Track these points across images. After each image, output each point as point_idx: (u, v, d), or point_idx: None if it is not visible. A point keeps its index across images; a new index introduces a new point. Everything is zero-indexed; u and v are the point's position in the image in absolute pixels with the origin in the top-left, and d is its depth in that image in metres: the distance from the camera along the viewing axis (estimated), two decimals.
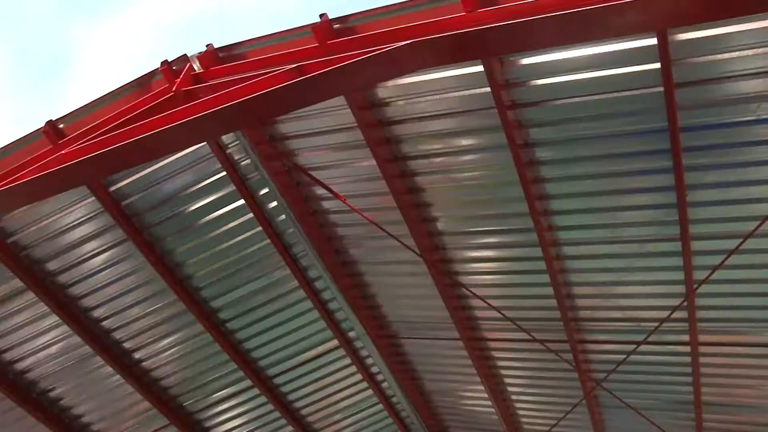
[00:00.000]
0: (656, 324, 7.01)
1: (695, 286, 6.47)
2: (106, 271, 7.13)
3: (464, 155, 6.14)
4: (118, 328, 7.65)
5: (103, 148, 4.92)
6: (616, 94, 5.29)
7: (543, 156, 5.91)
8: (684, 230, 6.03)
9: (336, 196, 6.15)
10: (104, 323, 7.55)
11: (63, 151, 5.32)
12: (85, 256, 6.97)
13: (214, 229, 7.06)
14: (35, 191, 5.21)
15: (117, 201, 6.66)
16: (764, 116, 5.12)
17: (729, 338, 7.16)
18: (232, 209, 6.97)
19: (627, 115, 5.42)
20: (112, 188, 6.58)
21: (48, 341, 7.52)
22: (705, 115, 5.25)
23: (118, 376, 8.04)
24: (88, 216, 6.69)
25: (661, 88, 5.08)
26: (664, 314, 6.90)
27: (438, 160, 6.25)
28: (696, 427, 8.45)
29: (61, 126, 5.99)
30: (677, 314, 6.96)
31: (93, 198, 6.51)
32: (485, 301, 6.59)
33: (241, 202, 6.90)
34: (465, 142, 6.03)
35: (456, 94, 5.67)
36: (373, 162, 6.27)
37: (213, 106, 4.68)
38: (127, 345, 7.85)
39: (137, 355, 8.00)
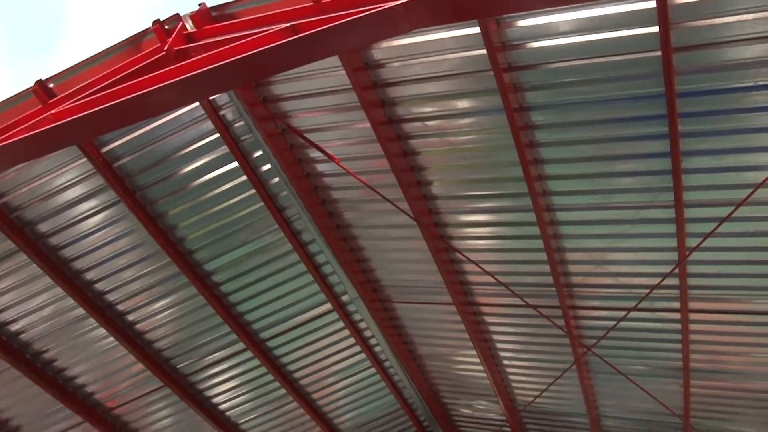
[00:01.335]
0: (647, 290, 7.05)
1: (687, 253, 6.49)
2: (99, 233, 7.11)
3: (459, 118, 6.10)
4: (110, 291, 7.65)
5: (94, 107, 4.85)
6: (612, 58, 5.24)
7: (538, 120, 5.87)
8: (678, 197, 6.02)
9: (330, 158, 6.12)
10: (97, 285, 7.55)
11: (53, 111, 5.24)
12: (77, 218, 6.94)
13: (207, 192, 7.03)
14: (25, 151, 5.15)
15: (109, 162, 6.61)
16: (762, 83, 5.08)
17: (719, 305, 7.20)
18: (226, 171, 6.93)
19: (623, 79, 5.38)
20: (104, 149, 6.53)
21: (40, 303, 7.51)
22: (702, 80, 5.21)
23: (111, 338, 8.06)
24: (80, 177, 6.64)
25: (659, 53, 5.03)
26: (656, 281, 6.93)
27: (433, 123, 6.21)
28: (684, 392, 8.55)
29: (51, 86, 5.93)
30: (668, 281, 6.99)
31: (84, 159, 6.47)
32: (479, 266, 6.60)
33: (235, 164, 6.86)
34: (460, 105, 5.98)
35: (451, 56, 5.61)
36: (368, 124, 6.22)
37: (205, 65, 4.62)
38: (120, 307, 7.85)
39: (130, 318, 8.01)
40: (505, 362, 9.39)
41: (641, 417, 9.61)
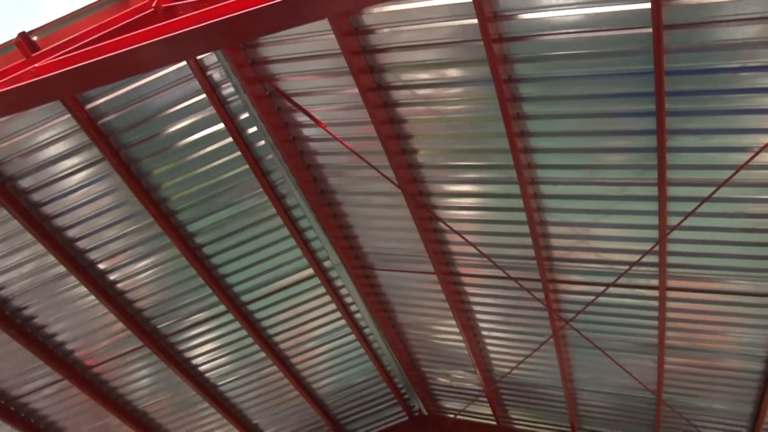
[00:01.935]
0: (627, 267, 7.12)
1: (667, 231, 6.55)
2: (81, 190, 7.05)
3: (447, 88, 6.07)
4: (92, 249, 7.61)
5: (79, 62, 4.76)
6: (604, 33, 5.23)
7: (526, 92, 5.86)
8: (661, 175, 6.06)
9: (317, 123, 6.09)
10: (78, 243, 7.51)
11: (36, 65, 5.15)
12: (60, 175, 6.87)
13: (192, 152, 6.98)
14: (6, 105, 5.04)
15: (93, 119, 6.54)
16: (751, 64, 5.09)
17: (696, 284, 7.30)
18: (211, 133, 6.89)
19: (613, 55, 5.38)
20: (89, 106, 6.46)
21: (21, 259, 7.46)
22: (692, 59, 5.21)
23: (92, 297, 8.04)
24: (63, 133, 6.57)
25: (650, 29, 5.02)
26: (636, 258, 7.01)
27: (421, 91, 6.19)
28: (658, 369, 8.69)
29: (35, 39, 5.81)
30: (648, 258, 7.07)
31: (68, 115, 6.39)
32: (461, 236, 6.63)
33: (221, 125, 6.81)
34: (449, 74, 5.95)
35: (442, 24, 5.57)
36: (356, 90, 6.19)
37: (193, 23, 4.54)
38: (101, 266, 7.82)
39: (112, 277, 7.99)
40: (484, 333, 9.48)
41: (615, 391, 9.77)
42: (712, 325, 7.80)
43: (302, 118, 6.79)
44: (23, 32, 5.68)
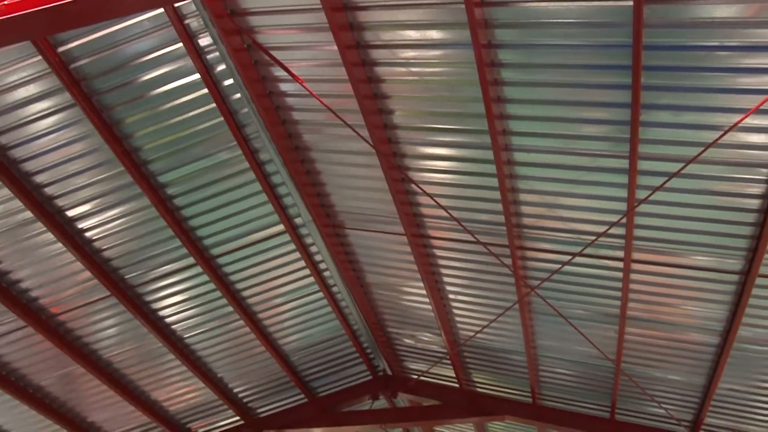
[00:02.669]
0: (594, 237, 7.23)
1: (636, 204, 6.65)
2: (51, 135, 6.92)
3: (427, 49, 6.04)
4: (60, 196, 7.51)
5: (51, 2, 4.66)
6: (585, 3, 5.22)
7: (505, 59, 5.86)
8: (633, 149, 6.12)
9: (294, 78, 6.03)
10: (47, 189, 7.39)
11: (5, 2, 5.02)
12: (29, 118, 6.72)
13: (166, 102, 6.88)
14: None
15: (65, 63, 6.39)
16: (727, 43, 5.14)
17: (660, 258, 7.44)
18: (187, 83, 6.79)
19: (594, 26, 5.38)
20: (61, 49, 6.30)
21: None
22: (670, 35, 5.23)
23: (59, 244, 7.96)
24: (33, 76, 6.41)
25: (631, 2, 5.02)
26: (603, 229, 7.11)
27: (400, 51, 6.15)
28: (618, 339, 8.89)
29: None
30: (615, 230, 7.18)
31: (39, 57, 6.23)
32: (433, 199, 6.66)
33: (197, 76, 6.71)
34: (429, 35, 5.92)
35: None
36: (335, 47, 6.12)
37: None
38: (69, 213, 7.73)
39: (80, 225, 7.90)
40: (451, 296, 9.60)
41: (576, 359, 9.98)
42: (673, 298, 7.99)
43: (280, 72, 6.72)
44: None
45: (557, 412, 11.43)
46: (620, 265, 7.68)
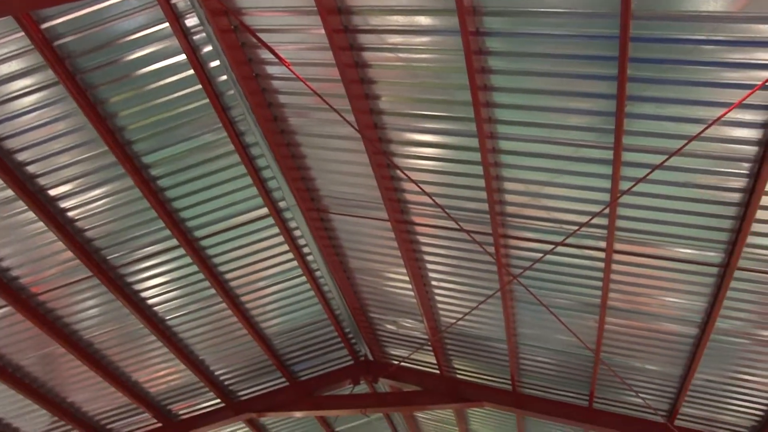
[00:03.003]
0: (577, 227, 7.28)
1: (618, 195, 6.69)
2: (34, 113, 6.85)
3: (415, 35, 6.02)
4: (43, 174, 7.45)
5: None
6: None
7: (493, 46, 5.86)
8: (617, 140, 6.16)
9: (281, 61, 5.99)
10: (29, 168, 7.33)
11: None
12: (11, 95, 6.65)
13: (151, 82, 6.83)
14: None
15: (49, 40, 6.32)
16: (714, 38, 5.16)
17: (642, 249, 7.50)
18: (172, 64, 6.73)
19: (582, 16, 5.38)
20: (45, 25, 6.22)
21: None
22: (657, 27, 5.25)
23: (41, 223, 7.91)
24: (16, 52, 6.33)
25: None
26: (586, 219, 7.16)
27: (388, 36, 6.13)
28: (598, 328, 8.97)
29: None
30: (598, 221, 7.23)
31: (22, 33, 6.16)
32: (417, 185, 6.67)
33: (182, 57, 6.66)
34: (417, 21, 5.90)
35: None
36: (322, 31, 6.10)
37: None
38: (52, 192, 7.67)
39: (62, 204, 7.85)
40: (434, 283, 9.64)
41: (556, 348, 10.07)
42: (653, 289, 8.07)
43: (266, 55, 6.69)
44: None
45: (536, 399, 11.54)
46: (602, 255, 7.74)
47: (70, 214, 7.98)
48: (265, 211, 8.63)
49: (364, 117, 6.96)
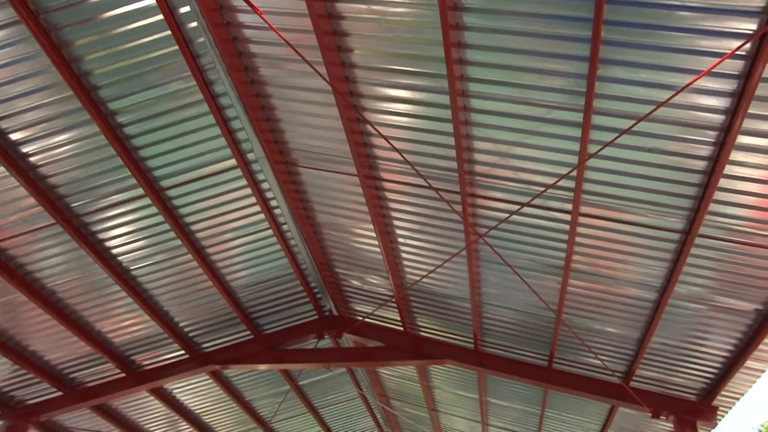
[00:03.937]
0: (543, 189, 7.33)
1: (586, 158, 6.74)
2: None
3: None
4: (4, 118, 7.23)
5: None
6: None
7: (468, 3, 5.80)
8: (588, 103, 6.18)
9: (253, 8, 5.85)
10: None
11: None
12: None
13: (118, 26, 6.63)
14: None
15: None
16: (689, 4, 5.17)
17: (607, 213, 7.60)
18: (141, 8, 6.52)
19: None
20: None
21: None
22: None
23: (2, 168, 7.71)
24: None
25: None
26: (553, 180, 7.21)
27: None
28: (560, 290, 9.12)
29: None
30: (565, 183, 7.29)
31: None
32: (387, 141, 6.63)
33: (152, 1, 6.47)
34: None
35: None
36: None
37: None
38: (13, 137, 7.47)
39: (24, 149, 7.65)
40: (400, 240, 9.67)
41: (519, 308, 10.23)
42: (616, 253, 8.20)
43: (238, 2, 6.54)
44: None
45: (497, 358, 11.75)
46: (567, 217, 7.82)
47: (33, 159, 7.80)
48: (233, 162, 8.52)
49: (336, 70, 6.88)
